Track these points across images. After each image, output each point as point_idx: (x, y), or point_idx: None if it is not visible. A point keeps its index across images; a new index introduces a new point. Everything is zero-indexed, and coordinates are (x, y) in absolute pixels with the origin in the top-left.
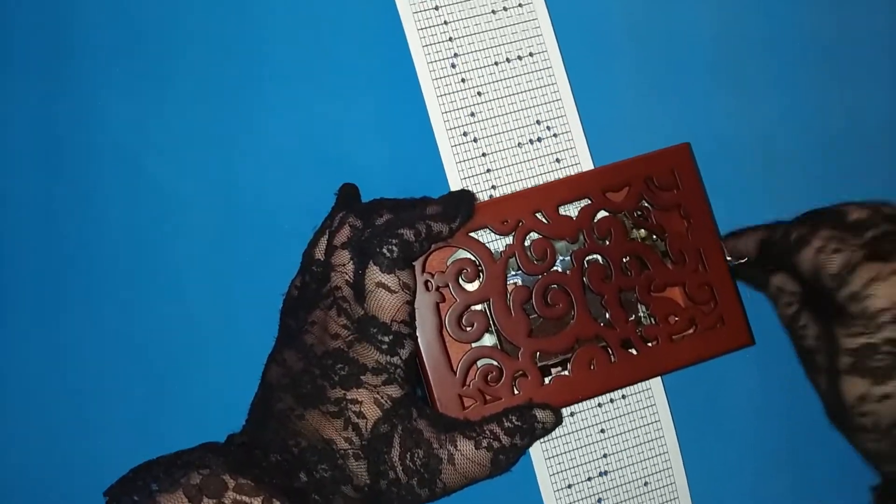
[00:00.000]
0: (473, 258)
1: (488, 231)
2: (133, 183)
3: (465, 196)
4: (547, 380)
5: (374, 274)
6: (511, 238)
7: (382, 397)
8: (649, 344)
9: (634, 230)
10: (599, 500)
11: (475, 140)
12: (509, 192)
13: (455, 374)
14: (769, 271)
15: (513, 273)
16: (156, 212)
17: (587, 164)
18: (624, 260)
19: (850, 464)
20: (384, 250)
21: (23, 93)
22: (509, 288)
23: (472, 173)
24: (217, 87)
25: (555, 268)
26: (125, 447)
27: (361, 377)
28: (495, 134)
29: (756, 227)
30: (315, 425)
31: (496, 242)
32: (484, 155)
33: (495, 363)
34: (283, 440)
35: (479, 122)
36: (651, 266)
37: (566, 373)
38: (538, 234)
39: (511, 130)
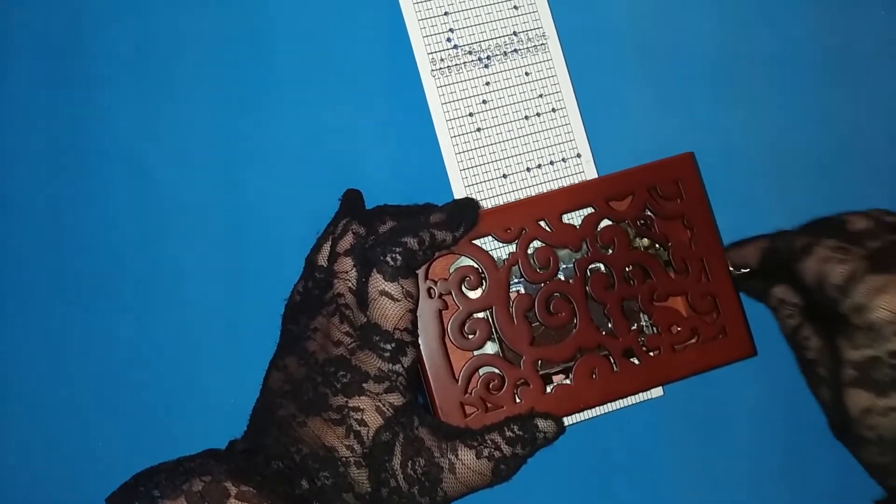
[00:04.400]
0: (476, 266)
1: (491, 239)
2: (138, 186)
3: (469, 204)
4: (549, 388)
5: (378, 282)
6: (514, 246)
7: (384, 405)
8: (651, 353)
9: (637, 239)
10: (487, 82)
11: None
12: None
13: (457, 381)
14: (771, 282)
15: (515, 281)
16: (160, 215)
17: (591, 173)
18: (627, 269)
19: (852, 476)
20: (388, 258)
21: (29, 95)
22: (512, 296)
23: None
24: (223, 93)
25: (558, 276)
26: (127, 452)
27: (363, 385)
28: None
29: (759, 236)
30: (317, 432)
31: (499, 250)
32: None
33: (497, 371)
34: (285, 447)
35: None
36: (654, 275)
37: (568, 381)
38: (541, 242)
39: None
